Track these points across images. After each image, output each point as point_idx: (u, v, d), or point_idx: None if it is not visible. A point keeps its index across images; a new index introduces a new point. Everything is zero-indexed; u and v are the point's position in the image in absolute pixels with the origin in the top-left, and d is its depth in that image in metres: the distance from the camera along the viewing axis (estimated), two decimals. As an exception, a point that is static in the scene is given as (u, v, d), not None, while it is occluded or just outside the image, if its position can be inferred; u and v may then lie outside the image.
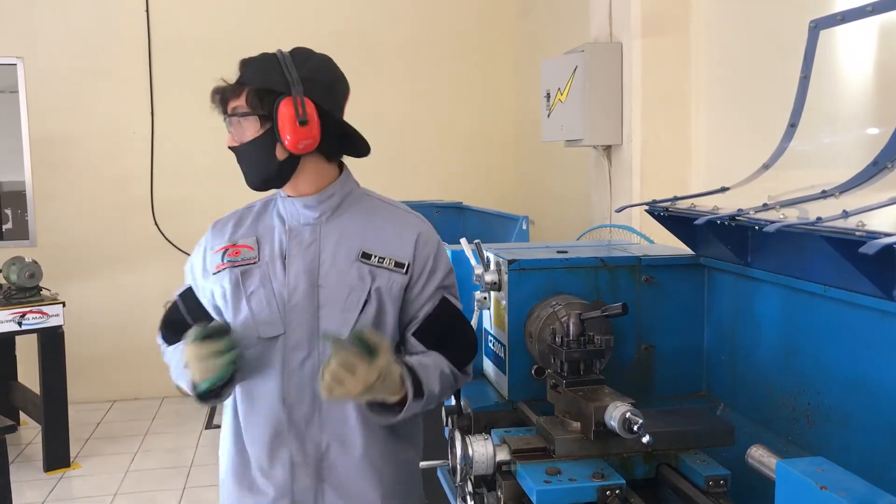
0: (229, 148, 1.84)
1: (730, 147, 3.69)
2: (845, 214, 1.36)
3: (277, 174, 1.80)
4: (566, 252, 2.05)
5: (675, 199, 1.98)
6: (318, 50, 1.89)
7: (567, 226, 5.34)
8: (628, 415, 1.45)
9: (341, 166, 1.91)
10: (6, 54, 6.18)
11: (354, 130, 1.87)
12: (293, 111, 1.73)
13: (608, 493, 1.44)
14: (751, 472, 1.33)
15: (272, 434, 1.79)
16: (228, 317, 1.81)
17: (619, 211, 2.42)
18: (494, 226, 4.29)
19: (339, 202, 1.85)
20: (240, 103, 1.80)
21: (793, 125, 1.93)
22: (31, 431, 5.61)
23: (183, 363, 1.71)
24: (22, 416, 5.66)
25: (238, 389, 1.82)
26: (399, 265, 1.80)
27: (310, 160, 1.81)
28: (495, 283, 1.97)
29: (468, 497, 1.69)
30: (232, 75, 1.94)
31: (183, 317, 1.89)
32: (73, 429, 5.14)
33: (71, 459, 5.07)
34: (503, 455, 1.57)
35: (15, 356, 5.65)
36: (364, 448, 1.76)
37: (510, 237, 3.85)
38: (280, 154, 1.77)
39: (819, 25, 1.90)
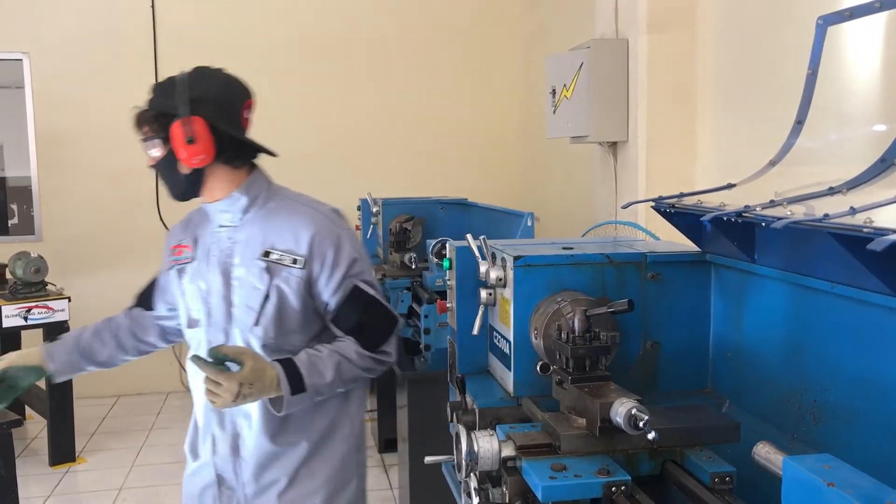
0: (151, 167, 2.04)
1: (736, 144, 3.68)
2: (853, 211, 1.35)
3: (188, 187, 2.02)
4: (572, 248, 2.04)
5: (682, 195, 1.97)
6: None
7: (572, 222, 5.34)
8: (634, 411, 1.45)
9: (253, 169, 2.12)
10: (12, 50, 6.20)
11: (248, 139, 2.08)
12: (182, 132, 1.94)
13: (613, 489, 1.44)
14: (756, 469, 1.32)
15: (204, 410, 2.12)
16: (180, 307, 2.16)
17: (625, 207, 2.42)
18: (499, 222, 4.29)
19: (248, 204, 2.06)
20: (146, 129, 2.01)
21: (800, 122, 1.92)
22: (36, 426, 5.63)
23: None
24: (27, 410, 5.69)
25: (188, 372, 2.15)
26: (294, 261, 2.00)
27: (215, 170, 2.02)
28: (501, 280, 1.97)
29: (473, 493, 1.69)
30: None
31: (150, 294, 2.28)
32: (78, 423, 5.16)
33: (76, 454, 5.09)
34: (508, 451, 1.57)
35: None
36: (272, 427, 2.04)
37: (515, 234, 3.85)
38: (183, 170, 1.99)
39: (826, 21, 1.89)
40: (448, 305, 2.29)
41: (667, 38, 3.97)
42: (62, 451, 5.03)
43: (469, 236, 2.07)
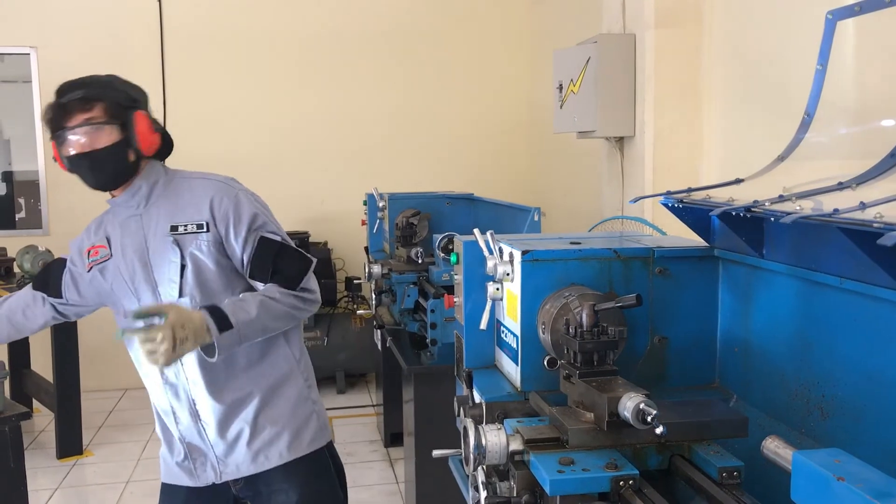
0: (73, 156, 2.10)
1: (743, 139, 3.67)
2: (862, 206, 1.35)
3: (123, 175, 2.16)
4: (579, 243, 2.04)
5: (690, 190, 1.97)
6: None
7: (579, 217, 5.34)
8: (642, 405, 1.45)
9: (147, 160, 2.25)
10: (20, 44, 6.22)
11: (169, 135, 2.29)
12: (149, 121, 2.16)
13: (621, 483, 1.44)
14: (763, 464, 1.32)
15: (160, 392, 2.28)
16: (115, 306, 2.28)
17: (633, 202, 2.42)
18: (506, 217, 4.29)
19: (149, 191, 2.20)
20: (94, 115, 2.07)
21: (808, 116, 1.92)
22: (44, 419, 5.65)
23: None
24: (35, 403, 5.71)
25: (135, 363, 2.30)
26: (199, 227, 2.17)
27: (144, 160, 2.20)
28: (508, 274, 1.97)
29: (480, 486, 1.69)
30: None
31: (48, 275, 2.37)
32: (85, 417, 5.19)
33: (83, 447, 5.12)
34: (516, 445, 1.57)
35: (28, 344, 5.70)
36: (219, 384, 2.20)
37: (522, 228, 3.84)
38: (131, 157, 2.14)
39: (836, 16, 1.88)
40: (455, 300, 2.29)
41: (674, 32, 3.95)
42: (69, 443, 5.05)
43: (476, 231, 2.07)
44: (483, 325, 2.02)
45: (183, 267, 2.16)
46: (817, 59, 1.92)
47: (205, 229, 2.17)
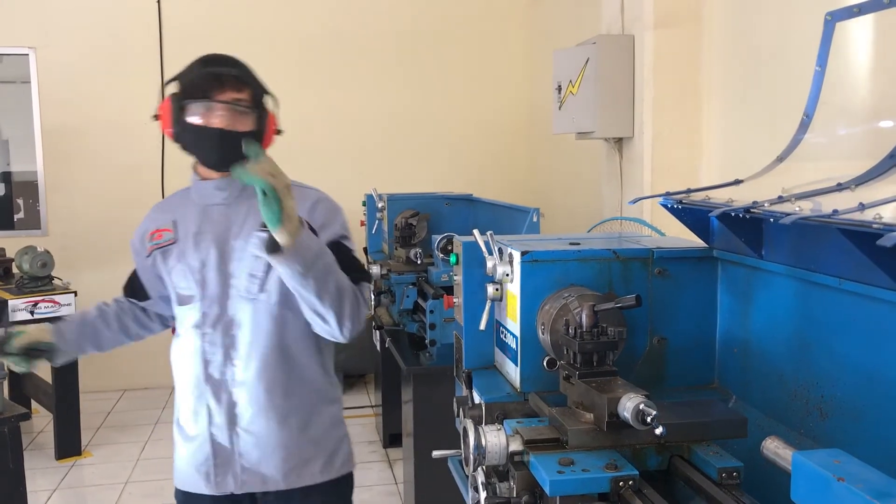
0: (208, 129, 2.03)
1: (742, 140, 3.68)
2: (862, 207, 1.35)
3: (240, 161, 2.01)
4: (578, 244, 2.05)
5: (689, 191, 1.97)
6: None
7: (578, 218, 5.34)
8: (642, 406, 1.45)
9: None
10: (18, 45, 6.21)
11: None
12: (275, 123, 2.18)
13: (621, 483, 1.45)
14: (763, 464, 1.33)
15: (194, 385, 2.16)
16: (169, 292, 2.22)
17: (632, 203, 2.42)
18: (505, 218, 4.29)
19: (244, 185, 2.10)
20: (243, 97, 2.06)
21: (807, 117, 1.92)
22: (42, 420, 5.65)
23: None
24: (34, 404, 5.71)
25: (171, 353, 2.26)
26: None
27: None
28: (507, 275, 1.97)
29: (480, 487, 1.69)
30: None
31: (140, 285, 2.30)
32: (84, 417, 5.18)
33: (82, 448, 5.11)
34: (516, 445, 1.57)
35: (27, 345, 5.68)
36: (268, 397, 2.11)
37: (521, 229, 3.85)
38: None
39: (835, 17, 1.88)
40: (455, 301, 2.29)
41: (673, 33, 3.96)
42: (68, 444, 5.05)
43: (476, 231, 2.08)
44: (482, 326, 2.02)
45: (269, 264, 2.04)
46: (816, 61, 1.93)
47: None
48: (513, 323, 1.97)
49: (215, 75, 2.04)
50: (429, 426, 3.58)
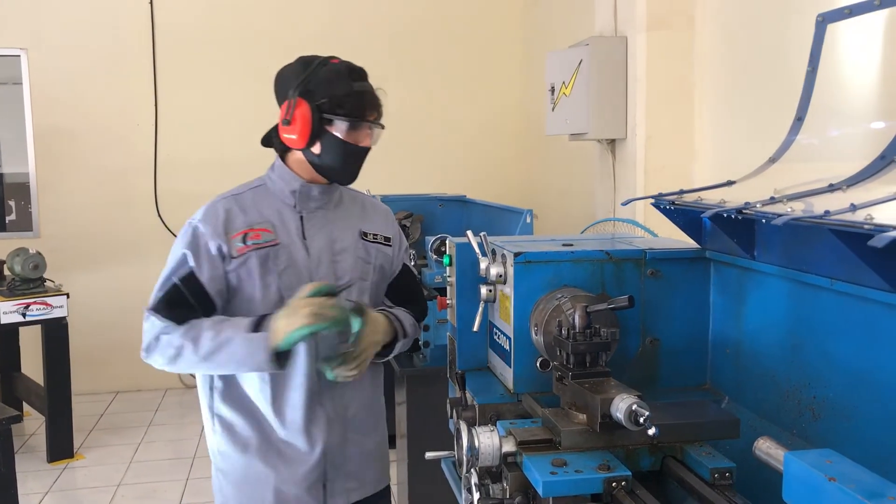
0: (357, 147, 2.05)
1: (735, 141, 3.69)
2: (853, 208, 1.36)
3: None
4: (572, 245, 2.05)
5: (682, 192, 1.98)
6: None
7: (571, 220, 5.35)
8: (634, 407, 1.45)
9: None
10: (10, 46, 6.19)
11: None
12: None
13: (614, 484, 1.45)
14: (755, 465, 1.33)
15: (308, 395, 2.04)
16: (256, 294, 2.02)
17: (625, 204, 2.42)
18: (498, 219, 4.29)
19: (341, 194, 2.22)
20: (380, 116, 2.11)
21: (799, 118, 1.93)
22: (34, 422, 5.63)
23: (287, 315, 1.90)
24: (25, 406, 5.69)
25: None
26: (386, 239, 2.24)
27: None
28: (501, 276, 1.97)
29: (473, 488, 1.69)
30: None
31: (186, 299, 1.99)
32: (76, 420, 5.16)
33: (74, 450, 5.09)
34: (509, 446, 1.57)
35: (19, 347, 5.67)
36: (372, 393, 2.21)
37: (514, 230, 3.85)
38: None
39: (826, 19, 1.89)
40: (448, 302, 2.29)
41: (666, 35, 3.97)
42: (60, 447, 5.03)
43: (469, 233, 2.08)
44: (475, 328, 2.02)
45: (369, 271, 2.17)
46: (808, 62, 1.93)
47: (389, 243, 2.24)
48: (506, 324, 1.97)
49: (370, 96, 2.05)
50: (422, 427, 3.58)
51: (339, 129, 2.00)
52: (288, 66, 2.09)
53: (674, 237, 2.25)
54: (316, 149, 2.03)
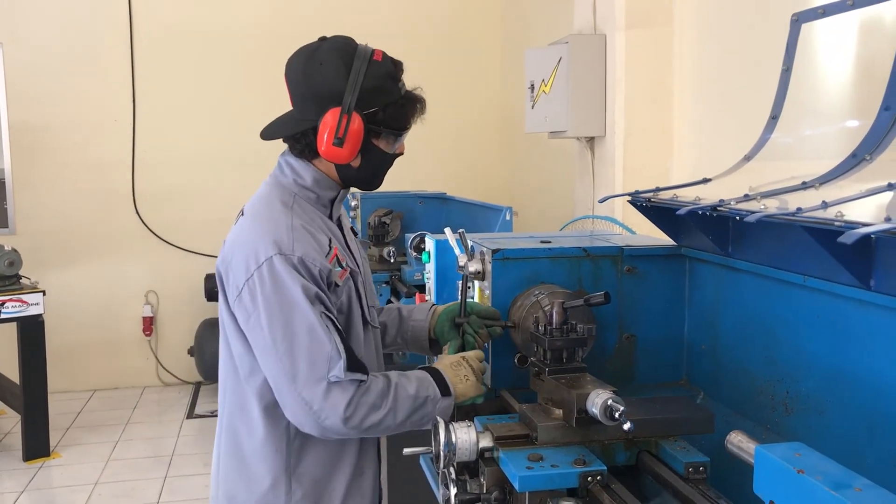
0: (393, 155, 1.86)
1: (713, 139, 3.72)
2: (824, 205, 1.38)
3: None
4: (549, 242, 2.06)
5: (658, 189, 2.00)
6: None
7: (550, 217, 5.36)
8: (610, 402, 1.47)
9: None
10: (-15, 40, 6.10)
11: None
12: None
13: (589, 479, 1.46)
14: (730, 459, 1.35)
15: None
16: (355, 322, 1.79)
17: (601, 201, 2.44)
18: (478, 216, 4.30)
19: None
20: None
21: (774, 117, 1.95)
22: (10, 421, 5.57)
23: (465, 379, 1.76)
24: (1, 405, 5.63)
25: None
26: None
27: None
28: (479, 273, 1.98)
29: (451, 484, 1.70)
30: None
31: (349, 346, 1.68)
32: (53, 418, 5.11)
33: (51, 449, 5.05)
34: (486, 442, 1.58)
35: (-6, 345, 5.61)
36: None
37: (494, 228, 3.86)
38: None
39: (801, 19, 1.91)
40: (426, 298, 2.30)
41: (644, 33, 3.99)
42: (36, 445, 4.98)
43: (448, 230, 2.08)
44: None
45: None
46: (783, 61, 1.96)
47: None
48: (484, 320, 1.98)
49: (420, 103, 1.86)
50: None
51: (386, 142, 1.79)
52: (320, 61, 1.72)
53: (652, 235, 2.27)
54: (356, 161, 1.78)
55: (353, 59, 1.71)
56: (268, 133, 1.81)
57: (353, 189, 1.92)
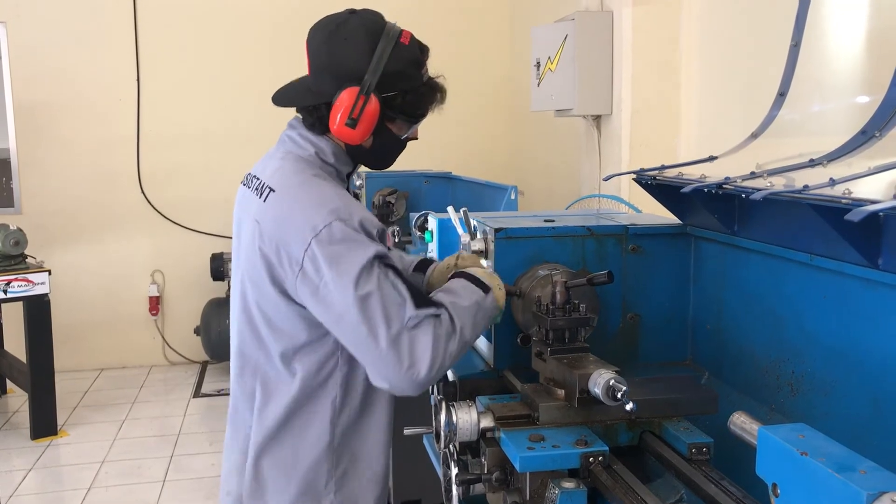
0: (408, 139, 1.83)
1: (720, 116, 3.67)
2: (832, 182, 1.35)
3: None
4: (553, 221, 2.04)
5: (663, 167, 1.97)
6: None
7: (556, 196, 5.33)
8: (612, 382, 1.45)
9: None
10: (-12, 18, 6.07)
11: None
12: None
13: (591, 459, 1.45)
14: (734, 440, 1.33)
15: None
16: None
17: (606, 179, 2.41)
18: (484, 196, 4.28)
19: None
20: None
21: (782, 94, 1.92)
22: (17, 399, 5.60)
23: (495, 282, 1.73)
24: (8, 383, 5.66)
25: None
26: None
27: None
28: (482, 252, 1.96)
29: (452, 464, 1.69)
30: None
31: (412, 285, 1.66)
32: (60, 397, 5.14)
33: (58, 427, 5.07)
34: (487, 422, 1.57)
35: (1, 324, 5.63)
36: None
37: (499, 207, 3.84)
38: None
39: (810, -8, 1.88)
40: (429, 278, 2.28)
41: (651, 10, 3.94)
42: (43, 424, 5.00)
43: (450, 208, 2.06)
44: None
45: None
46: (791, 36, 1.92)
47: None
48: (486, 300, 1.96)
49: (440, 91, 1.84)
50: (403, 403, 3.57)
51: (399, 126, 1.77)
52: (345, 36, 1.68)
53: (658, 213, 2.24)
54: (367, 142, 1.75)
55: (380, 40, 1.67)
56: (281, 99, 1.77)
57: (360, 168, 1.89)
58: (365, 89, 1.64)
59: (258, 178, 1.75)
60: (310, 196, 1.64)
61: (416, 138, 1.84)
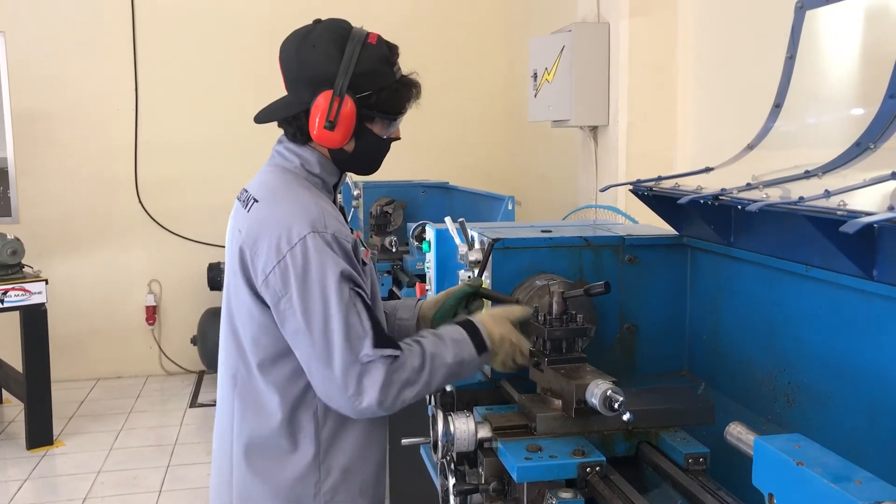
0: (390, 139, 1.84)
1: (716, 127, 3.69)
2: (827, 194, 1.36)
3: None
4: (550, 231, 2.04)
5: (659, 178, 1.98)
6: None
7: (553, 207, 5.34)
8: (609, 392, 1.46)
9: None
10: (-13, 28, 6.08)
11: None
12: None
13: (588, 469, 1.45)
14: (730, 450, 1.33)
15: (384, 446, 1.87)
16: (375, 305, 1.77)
17: (603, 190, 2.42)
18: (480, 206, 4.29)
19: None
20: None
21: (778, 105, 1.93)
22: (13, 409, 5.59)
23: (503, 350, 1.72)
24: (4, 393, 5.65)
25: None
26: None
27: None
28: (479, 262, 1.96)
29: (449, 474, 1.69)
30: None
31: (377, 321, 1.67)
32: (56, 407, 5.13)
33: (54, 437, 5.06)
34: (484, 432, 1.57)
35: (-4, 334, 5.62)
36: None
37: (496, 217, 3.85)
38: None
39: (805, 6, 1.89)
40: (426, 288, 2.29)
41: (648, 22, 3.96)
42: (39, 434, 4.99)
43: (448, 219, 2.07)
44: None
45: None
46: (787, 49, 1.94)
47: None
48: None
49: (415, 88, 1.85)
50: (400, 414, 3.57)
51: (380, 126, 1.78)
52: (313, 43, 1.71)
53: (654, 224, 2.25)
54: (350, 146, 1.76)
55: (347, 42, 1.70)
56: (262, 116, 1.79)
57: (354, 177, 1.91)
58: (338, 90, 1.67)
59: (247, 191, 1.79)
60: (291, 205, 1.68)
61: (399, 138, 1.86)
